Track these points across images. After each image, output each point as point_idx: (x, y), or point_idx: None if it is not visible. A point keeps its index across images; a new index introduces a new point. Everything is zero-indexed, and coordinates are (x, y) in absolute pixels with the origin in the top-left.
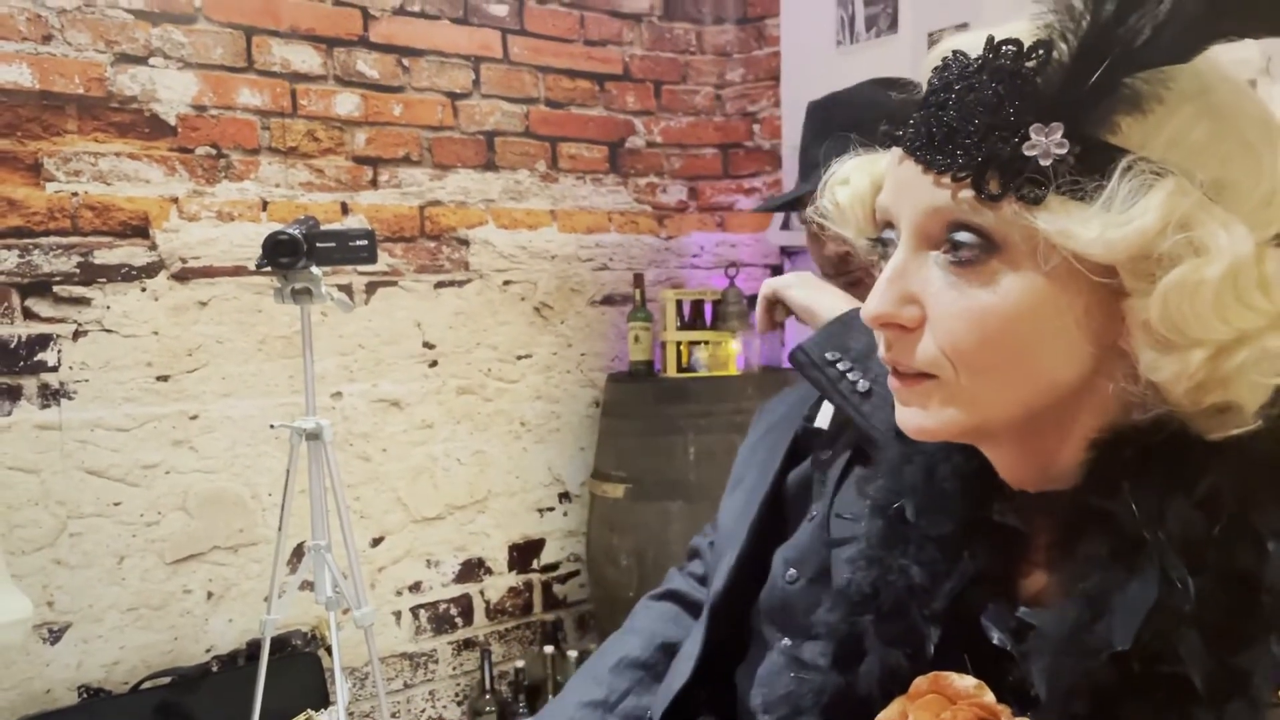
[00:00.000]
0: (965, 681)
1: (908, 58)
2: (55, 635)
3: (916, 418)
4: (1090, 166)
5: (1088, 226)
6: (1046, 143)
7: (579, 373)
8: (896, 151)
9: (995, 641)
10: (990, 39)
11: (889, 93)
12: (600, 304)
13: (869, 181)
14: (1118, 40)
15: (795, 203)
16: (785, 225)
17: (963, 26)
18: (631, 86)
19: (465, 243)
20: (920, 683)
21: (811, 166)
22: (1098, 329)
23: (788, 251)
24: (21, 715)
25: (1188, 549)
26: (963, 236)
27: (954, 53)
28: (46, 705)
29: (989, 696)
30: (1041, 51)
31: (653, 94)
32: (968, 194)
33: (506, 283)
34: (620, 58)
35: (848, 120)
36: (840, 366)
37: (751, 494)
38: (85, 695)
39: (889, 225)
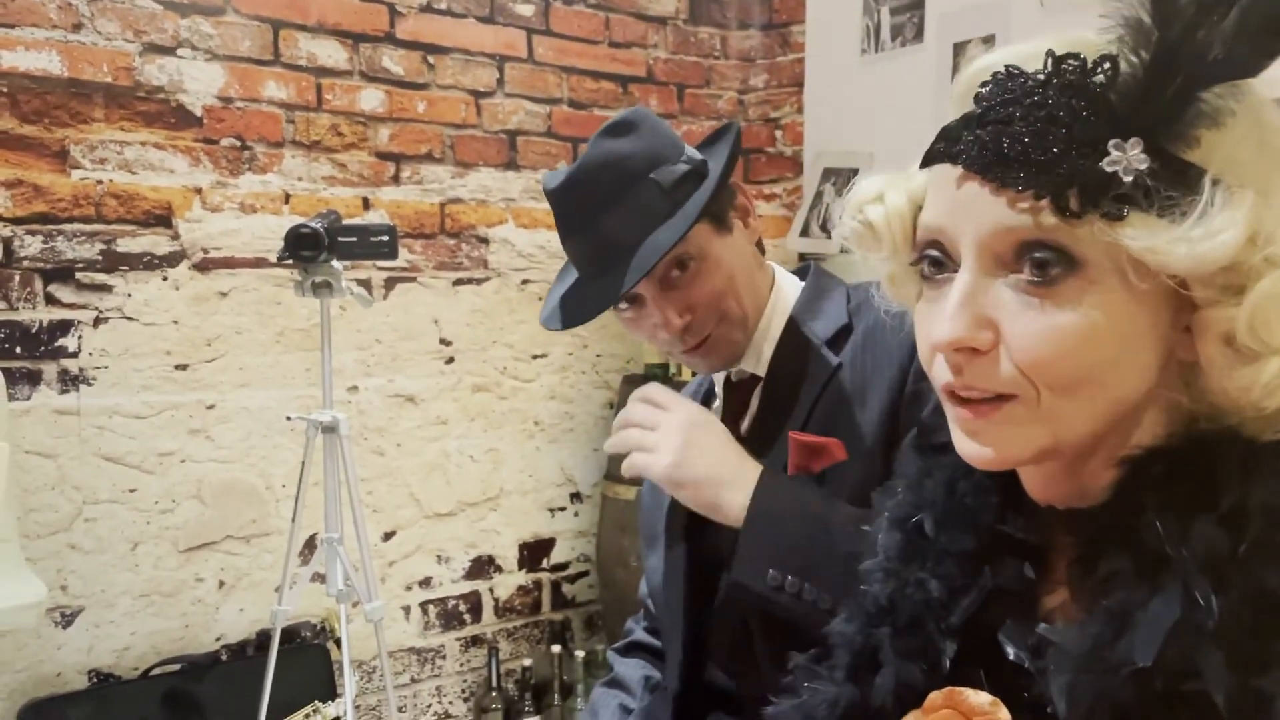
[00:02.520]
0: (980, 698)
1: (932, 68)
2: (67, 619)
3: (991, 446)
4: (1170, 181)
5: (1175, 242)
6: (1127, 158)
7: (594, 374)
8: (948, 170)
9: (1012, 658)
10: (1050, 53)
11: (624, 138)
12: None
13: (906, 199)
14: (1189, 55)
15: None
16: (804, 232)
17: (989, 39)
18: (655, 89)
19: (485, 241)
20: (935, 697)
21: (594, 249)
22: (1165, 343)
23: (807, 259)
24: (31, 698)
25: (1212, 567)
26: (1042, 255)
27: (1007, 68)
28: (57, 688)
29: (1004, 714)
30: (1108, 66)
31: (676, 97)
32: (1046, 212)
33: (525, 282)
34: (644, 60)
35: (608, 189)
36: (790, 590)
37: (672, 566)
38: (95, 680)
39: (933, 245)
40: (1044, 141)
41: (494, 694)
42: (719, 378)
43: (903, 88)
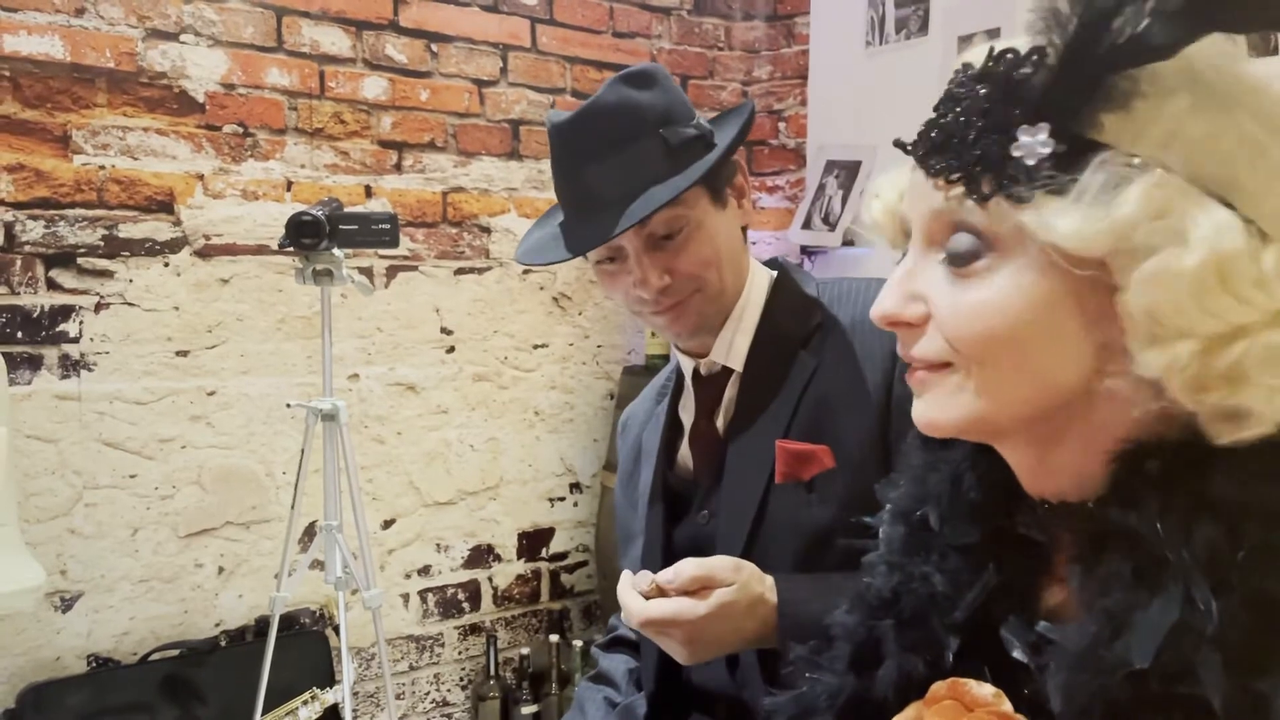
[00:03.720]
0: (984, 689)
1: (937, 60)
2: (67, 604)
3: (930, 409)
4: (1073, 164)
5: (1066, 220)
6: (1033, 142)
7: (594, 364)
8: (909, 160)
9: (1014, 654)
10: (991, 49)
11: (641, 90)
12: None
13: (895, 193)
14: (1102, 41)
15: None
16: (806, 224)
17: (994, 31)
18: None
19: (487, 230)
20: (938, 688)
21: (589, 192)
22: (1095, 327)
23: (809, 251)
24: (30, 682)
25: (1212, 570)
26: (960, 236)
27: (963, 64)
28: (56, 673)
29: (1007, 706)
30: (1036, 57)
31: (680, 88)
32: (962, 195)
33: (526, 272)
34: (648, 50)
35: (615, 134)
36: None
37: (649, 564)
38: (94, 664)
39: (906, 231)
40: (963, 130)
41: (492, 682)
42: (688, 369)
43: (907, 81)
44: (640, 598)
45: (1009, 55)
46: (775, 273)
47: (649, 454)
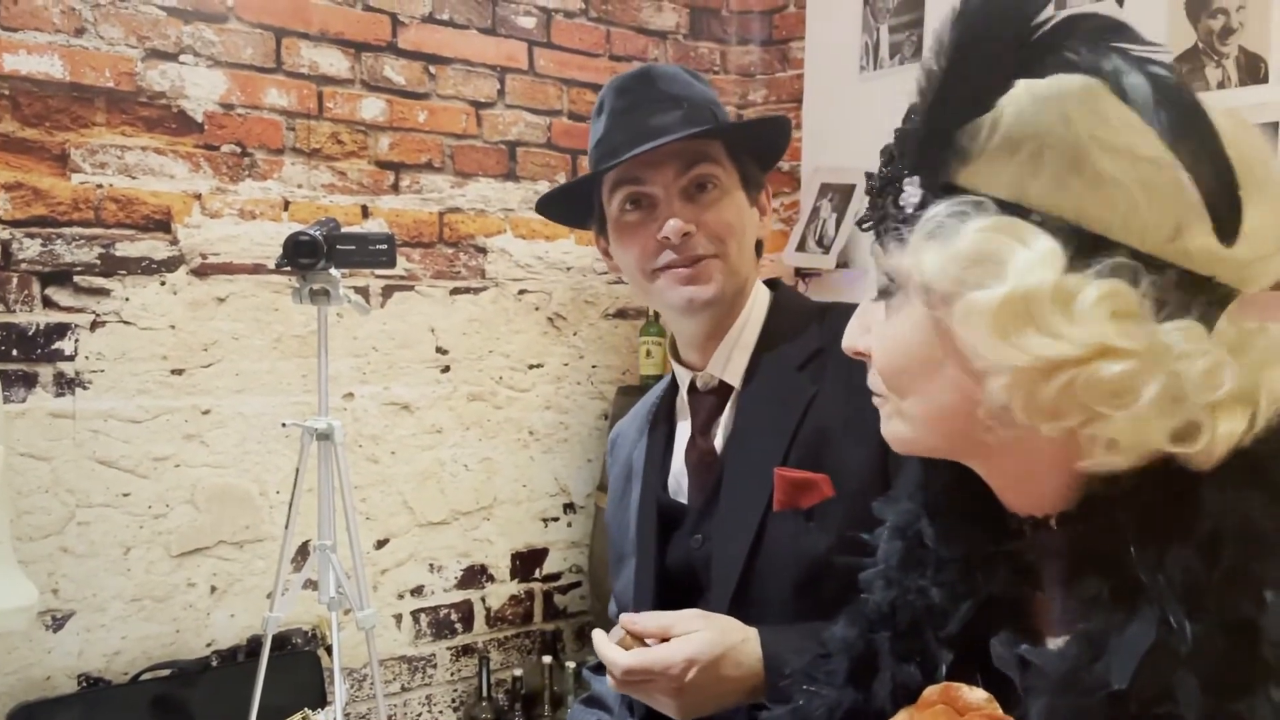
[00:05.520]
0: (976, 694)
1: None
2: (58, 623)
3: (883, 430)
4: (939, 210)
5: (919, 258)
6: (909, 193)
7: (589, 385)
8: None
9: (1001, 670)
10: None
11: (693, 77)
12: (613, 317)
13: None
14: (945, 101)
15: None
16: (801, 247)
17: None
18: None
19: (483, 250)
20: (930, 692)
21: (646, 130)
22: (962, 356)
23: (803, 273)
24: (20, 701)
25: (1187, 594)
26: (880, 277)
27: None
28: (46, 692)
29: (998, 710)
30: (913, 115)
31: None
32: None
33: (522, 292)
34: None
35: (674, 94)
36: None
37: (642, 583)
38: (85, 684)
39: None
40: (876, 185)
41: (484, 704)
42: (684, 380)
43: (901, 105)
44: (619, 649)
45: (910, 113)
46: (774, 293)
47: (639, 474)
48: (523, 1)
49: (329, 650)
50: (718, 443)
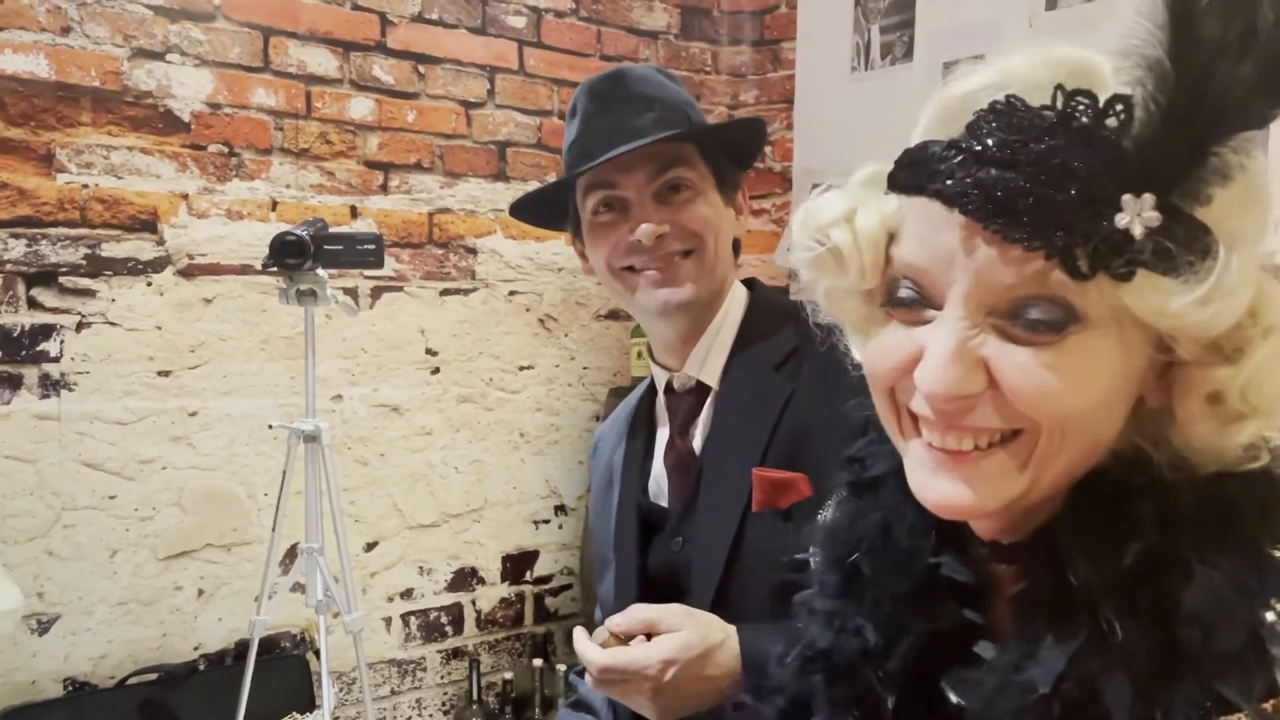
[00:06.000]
0: None
1: (922, 87)
2: (44, 626)
3: (971, 492)
4: (1179, 240)
5: (1192, 307)
6: (1141, 216)
7: (580, 386)
8: (937, 207)
9: (954, 702)
10: (1060, 89)
11: (668, 78)
12: (605, 318)
13: (880, 224)
14: (1207, 103)
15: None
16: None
17: (979, 58)
18: None
19: (473, 251)
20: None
21: (620, 131)
22: (1138, 388)
23: (795, 275)
24: (5, 705)
25: (1121, 591)
26: (1043, 310)
27: (1009, 100)
28: (32, 696)
29: None
30: (1121, 109)
31: None
32: (1054, 269)
33: (512, 293)
34: None
35: (648, 95)
36: None
37: (624, 587)
38: (71, 688)
39: (908, 280)
40: (1055, 195)
41: (474, 707)
42: (661, 381)
43: (892, 106)
44: (598, 648)
45: (1084, 100)
46: (751, 292)
47: (619, 477)
48: (513, 1)
49: (317, 654)
50: (696, 444)
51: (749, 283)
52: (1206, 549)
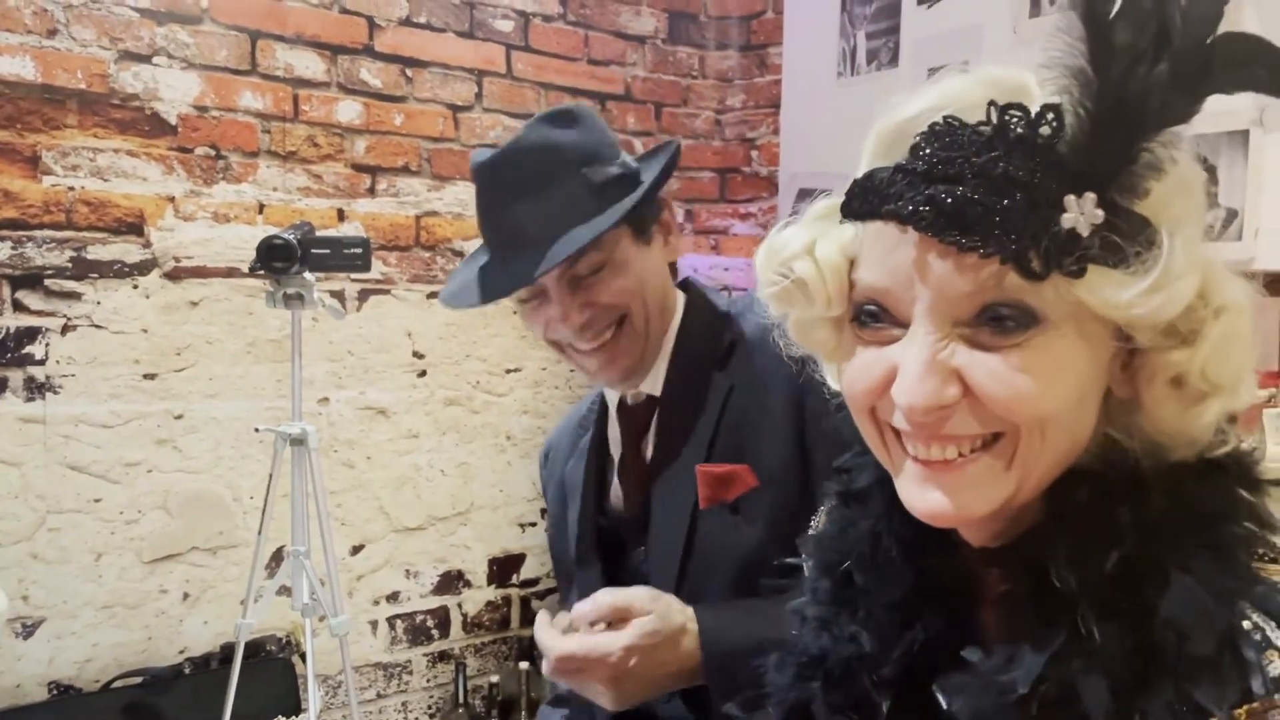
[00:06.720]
0: None
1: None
2: (29, 630)
3: (961, 499)
4: (1124, 234)
5: (1143, 295)
6: (1084, 214)
7: (567, 389)
8: (890, 229)
9: (945, 707)
10: (994, 104)
11: (564, 129)
12: None
13: (839, 251)
14: (1132, 103)
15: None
16: None
17: (964, 64)
18: (632, 107)
19: (460, 254)
20: None
21: (511, 233)
22: (1105, 381)
23: None
24: None
25: (1100, 595)
26: (1004, 313)
27: (947, 120)
28: (16, 700)
29: None
30: (1052, 117)
31: (653, 115)
32: (1009, 274)
33: None
34: (622, 78)
35: (537, 175)
36: None
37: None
38: (56, 692)
39: (872, 303)
40: (1001, 202)
41: (460, 710)
42: (613, 400)
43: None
44: (558, 634)
45: (1017, 113)
46: (687, 296)
47: (574, 491)
48: (500, 5)
49: (303, 657)
50: (648, 454)
51: (684, 284)
52: (1183, 555)
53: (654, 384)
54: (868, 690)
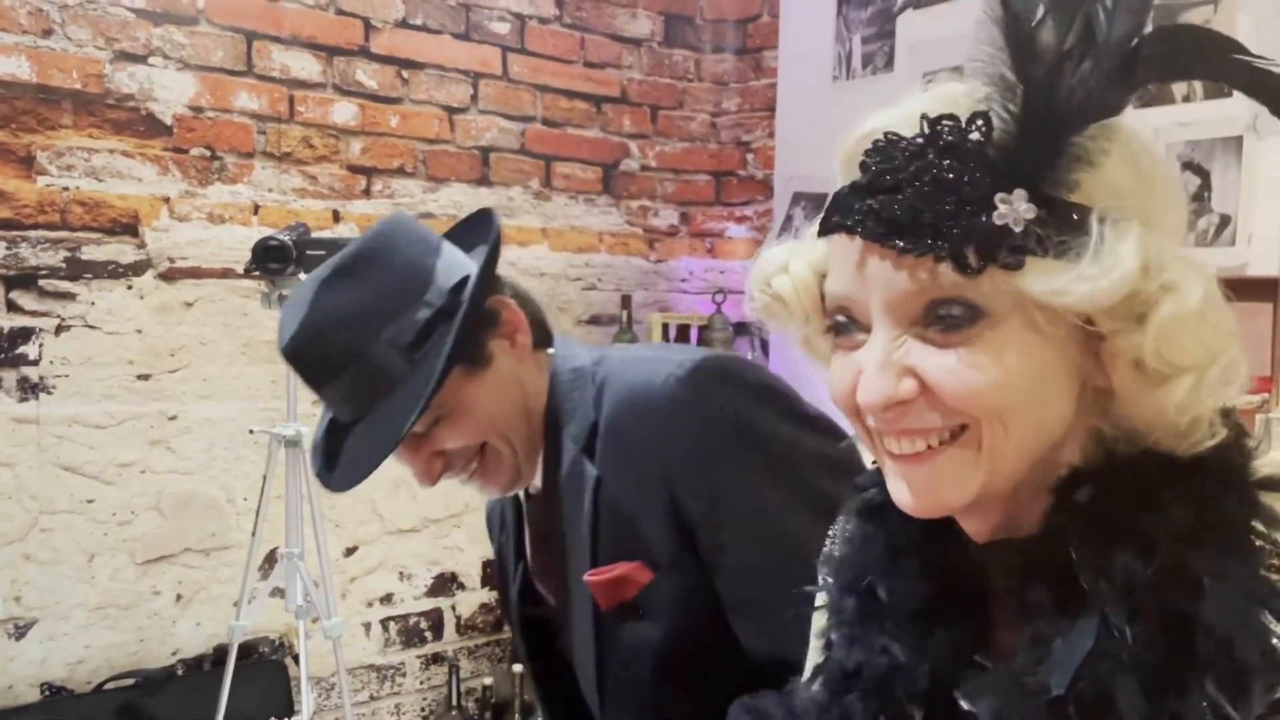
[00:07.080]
0: None
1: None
2: (21, 631)
3: (929, 494)
4: (1059, 225)
5: (1075, 281)
6: (1015, 210)
7: None
8: (845, 240)
9: (969, 710)
10: (925, 117)
11: (348, 290)
12: (587, 323)
13: (809, 268)
14: (1055, 103)
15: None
16: None
17: (957, 69)
18: (628, 110)
19: None
20: None
21: (336, 416)
22: (1074, 375)
23: None
24: None
25: (1127, 595)
26: (948, 310)
27: (886, 135)
28: (8, 702)
29: None
30: (981, 123)
31: (649, 118)
32: (948, 271)
33: None
34: (619, 80)
35: (336, 354)
36: None
37: (536, 690)
38: (47, 693)
39: (840, 311)
40: (934, 204)
41: (454, 712)
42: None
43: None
44: None
45: (948, 122)
46: (550, 363)
47: (507, 571)
48: (496, 7)
49: (296, 659)
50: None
51: (545, 339)
52: (1207, 559)
53: (533, 475)
54: (901, 701)
